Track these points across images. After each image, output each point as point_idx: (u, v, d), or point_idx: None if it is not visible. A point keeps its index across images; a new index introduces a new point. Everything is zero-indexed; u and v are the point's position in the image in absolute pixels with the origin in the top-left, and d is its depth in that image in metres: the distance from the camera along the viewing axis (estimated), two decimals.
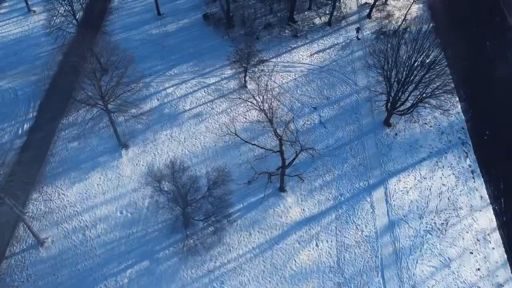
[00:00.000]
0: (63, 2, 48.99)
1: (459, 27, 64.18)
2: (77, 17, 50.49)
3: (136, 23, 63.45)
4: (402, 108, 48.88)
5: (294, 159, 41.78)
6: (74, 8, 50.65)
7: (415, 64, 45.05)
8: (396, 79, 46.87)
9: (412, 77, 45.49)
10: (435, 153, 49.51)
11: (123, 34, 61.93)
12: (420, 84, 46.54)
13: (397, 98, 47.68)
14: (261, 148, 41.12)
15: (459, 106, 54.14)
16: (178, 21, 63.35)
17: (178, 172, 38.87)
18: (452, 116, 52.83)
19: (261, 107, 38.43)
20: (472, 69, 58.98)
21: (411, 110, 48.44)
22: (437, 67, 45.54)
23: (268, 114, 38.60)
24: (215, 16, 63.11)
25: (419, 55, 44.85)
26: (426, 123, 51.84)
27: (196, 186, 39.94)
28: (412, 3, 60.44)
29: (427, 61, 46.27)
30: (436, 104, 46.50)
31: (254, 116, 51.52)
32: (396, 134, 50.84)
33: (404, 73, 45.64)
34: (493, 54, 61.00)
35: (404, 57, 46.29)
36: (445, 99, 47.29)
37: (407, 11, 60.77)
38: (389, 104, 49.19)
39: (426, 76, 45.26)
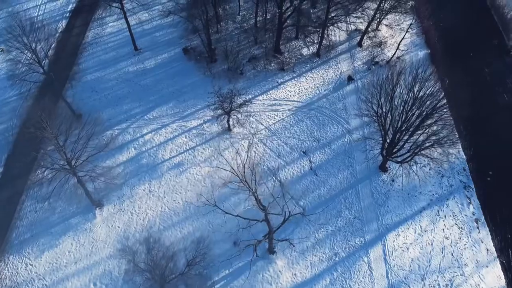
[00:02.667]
0: (25, 51, 44.59)
1: (455, 52, 60.61)
2: (43, 64, 46.23)
3: (111, 60, 59.26)
4: (398, 154, 45.08)
5: (281, 224, 37.89)
6: (39, 55, 46.24)
7: (412, 111, 41.25)
8: (391, 126, 43.14)
9: (409, 125, 41.74)
10: (436, 201, 45.83)
11: (97, 73, 57.73)
12: (418, 132, 42.76)
13: (393, 145, 43.97)
14: (245, 219, 37.27)
15: (459, 144, 50.51)
16: (156, 56, 59.22)
17: (153, 249, 34.90)
18: (452, 156, 49.15)
19: (242, 179, 34.41)
20: (470, 99, 55.19)
21: (408, 159, 44.61)
22: (437, 114, 41.56)
23: (251, 187, 34.56)
24: (196, 50, 59.06)
25: (417, 103, 40.94)
26: (424, 166, 48.11)
27: (175, 259, 36.08)
28: (406, 32, 56.57)
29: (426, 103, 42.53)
30: (436, 157, 42.69)
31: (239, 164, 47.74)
32: (393, 181, 47.07)
33: (400, 121, 41.87)
34: (492, 82, 57.37)
35: (398, 101, 42.53)
36: (446, 149, 43.57)
37: (400, 41, 56.90)
38: (384, 150, 45.47)
39: (425, 124, 41.45)
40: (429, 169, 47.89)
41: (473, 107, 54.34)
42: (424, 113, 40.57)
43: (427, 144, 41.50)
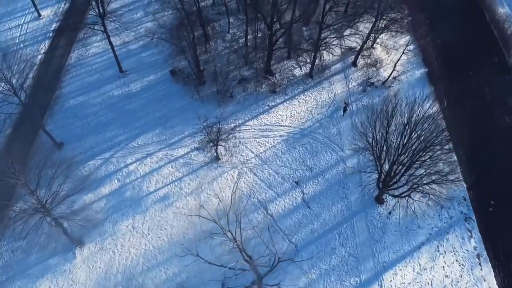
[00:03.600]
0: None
1: (454, 70, 58.18)
2: (19, 94, 43.68)
3: (95, 83, 56.76)
4: (395, 187, 42.56)
5: (270, 270, 35.44)
6: (16, 85, 43.71)
7: (410, 145, 38.80)
8: (386, 159, 40.71)
9: (406, 159, 39.33)
10: (435, 235, 43.40)
11: (80, 97, 55.27)
12: (415, 165, 40.31)
13: (389, 178, 41.55)
14: (231, 269, 34.85)
15: (459, 171, 48.09)
16: (142, 78, 56.73)
17: None
18: (451, 184, 46.73)
19: (225, 231, 31.95)
20: (470, 121, 52.84)
21: (405, 195, 42.07)
22: (438, 147, 39.07)
23: (235, 238, 32.08)
24: (184, 72, 56.53)
25: (414, 138, 38.51)
26: (422, 196, 45.62)
27: None
28: (402, 53, 53.91)
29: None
30: (436, 194, 40.27)
31: (228, 196, 45.39)
32: (389, 213, 44.65)
33: (396, 154, 39.44)
34: (493, 102, 55.00)
35: (395, 134, 40.09)
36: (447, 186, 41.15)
37: (396, 63, 54.26)
38: (380, 183, 43.05)
39: (424, 157, 39.00)
40: (428, 200, 45.38)
41: (473, 130, 51.99)
42: (422, 148, 38.12)
43: (426, 181, 39.12)
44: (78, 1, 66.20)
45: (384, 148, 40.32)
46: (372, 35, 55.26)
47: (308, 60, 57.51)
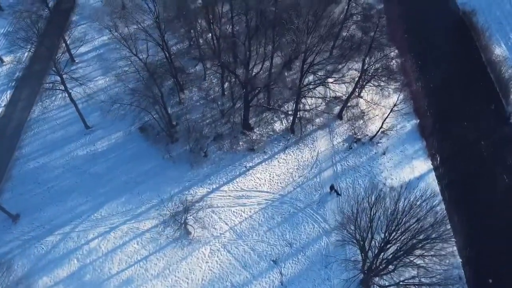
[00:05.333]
0: None
1: (448, 121, 53.72)
2: None
3: (59, 141, 52.15)
4: (382, 273, 38.21)
5: None
6: None
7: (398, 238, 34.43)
8: (371, 247, 36.30)
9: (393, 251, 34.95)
10: None
11: (42, 158, 50.63)
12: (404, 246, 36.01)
13: (374, 267, 37.11)
14: None
15: (453, 242, 43.56)
16: (109, 135, 52.22)
17: None
18: (445, 259, 42.32)
19: None
20: (465, 182, 48.51)
21: (391, 272, 37.76)
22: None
23: None
24: (155, 128, 51.98)
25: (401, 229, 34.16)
26: (414, 276, 41.26)
27: None
28: (391, 111, 49.01)
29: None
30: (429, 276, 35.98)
31: (199, 279, 41.10)
32: None
33: (381, 245, 35.06)
34: (490, 158, 50.54)
35: (381, 221, 35.70)
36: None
37: (384, 120, 49.60)
38: (365, 268, 38.60)
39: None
40: (419, 281, 41.05)
41: (468, 193, 47.73)
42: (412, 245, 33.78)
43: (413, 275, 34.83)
44: (46, 43, 61.43)
45: (369, 236, 35.94)
46: (359, 83, 50.80)
47: (290, 111, 53.07)
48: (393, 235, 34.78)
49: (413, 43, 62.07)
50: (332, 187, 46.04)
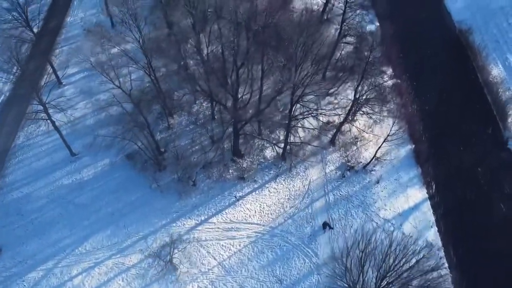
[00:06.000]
0: None
1: (443, 146, 52.27)
2: None
3: (44, 169, 50.64)
4: None
5: None
6: None
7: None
8: None
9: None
10: None
11: (26, 188, 49.07)
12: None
13: None
14: None
15: (449, 279, 42.17)
16: (96, 162, 50.66)
17: None
18: None
19: None
20: (461, 212, 47.05)
21: None
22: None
23: None
24: (142, 155, 50.57)
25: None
26: None
27: None
28: (384, 140, 47.45)
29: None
30: None
31: None
32: None
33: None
34: (487, 185, 49.11)
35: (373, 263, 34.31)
36: None
37: (378, 149, 48.23)
38: None
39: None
40: None
41: (464, 222, 46.36)
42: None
43: None
44: (32, 65, 60.24)
45: (361, 279, 34.54)
46: (351, 111, 49.36)
47: (282, 137, 51.62)
48: (384, 282, 33.45)
49: (409, 63, 60.57)
50: (324, 224, 44.56)
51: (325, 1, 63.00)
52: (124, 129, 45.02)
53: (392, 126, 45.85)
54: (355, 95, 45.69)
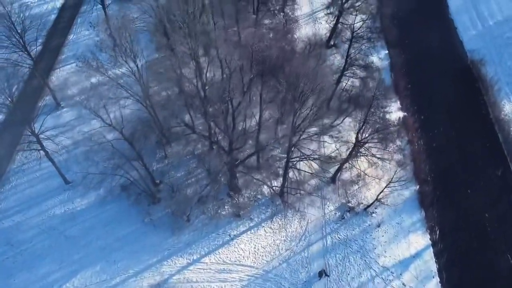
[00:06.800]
0: None
1: (450, 188, 49.91)
2: None
3: (37, 197, 49.58)
4: None
5: None
6: None
7: None
8: None
9: None
10: None
11: (17, 216, 48.11)
12: None
13: None
14: None
15: None
16: (89, 192, 49.07)
17: None
18: None
19: None
20: (466, 262, 44.75)
21: None
22: None
23: None
24: (137, 187, 49.22)
25: None
26: None
27: None
28: (386, 186, 45.59)
29: None
30: None
31: None
32: None
33: None
34: (494, 234, 46.67)
35: None
36: None
37: (380, 193, 46.20)
38: None
39: None
40: None
41: (468, 274, 44.09)
42: None
43: None
44: (30, 86, 59.21)
45: None
46: (352, 153, 47.37)
47: (281, 172, 49.91)
48: None
49: (417, 94, 58.55)
50: (320, 273, 42.79)
51: (332, 26, 61.12)
52: (118, 162, 43.70)
53: (395, 174, 43.81)
54: (357, 137, 43.79)
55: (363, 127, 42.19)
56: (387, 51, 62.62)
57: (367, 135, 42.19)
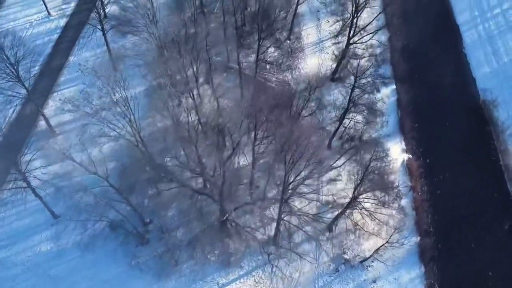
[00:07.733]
0: None
1: (453, 243, 47.13)
2: None
3: (24, 231, 48.23)
4: None
5: None
6: None
7: None
8: None
9: None
10: None
11: (2, 251, 46.88)
12: None
13: None
14: None
15: None
16: (77, 229, 47.44)
17: None
18: None
19: None
20: None
21: None
22: None
23: None
24: (126, 225, 47.67)
25: None
26: None
27: None
28: (386, 242, 43.19)
29: None
30: None
31: None
32: None
33: None
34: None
35: None
36: None
37: (378, 249, 43.90)
38: None
39: None
40: None
41: None
42: None
43: None
44: (24, 112, 57.92)
45: None
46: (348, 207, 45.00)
47: (275, 215, 47.89)
48: None
49: (424, 135, 55.87)
50: None
51: (336, 63, 58.75)
52: (102, 211, 42.20)
53: (394, 232, 41.48)
54: (354, 192, 41.55)
55: (360, 183, 39.97)
56: (394, 86, 59.97)
57: (363, 195, 39.96)
